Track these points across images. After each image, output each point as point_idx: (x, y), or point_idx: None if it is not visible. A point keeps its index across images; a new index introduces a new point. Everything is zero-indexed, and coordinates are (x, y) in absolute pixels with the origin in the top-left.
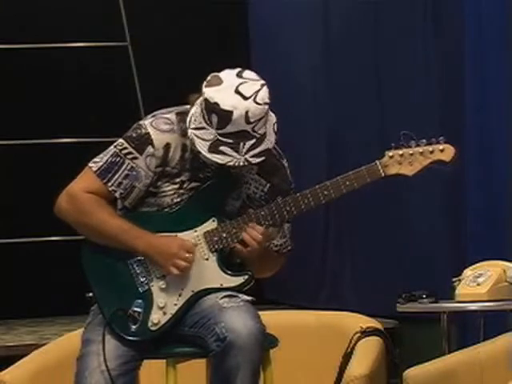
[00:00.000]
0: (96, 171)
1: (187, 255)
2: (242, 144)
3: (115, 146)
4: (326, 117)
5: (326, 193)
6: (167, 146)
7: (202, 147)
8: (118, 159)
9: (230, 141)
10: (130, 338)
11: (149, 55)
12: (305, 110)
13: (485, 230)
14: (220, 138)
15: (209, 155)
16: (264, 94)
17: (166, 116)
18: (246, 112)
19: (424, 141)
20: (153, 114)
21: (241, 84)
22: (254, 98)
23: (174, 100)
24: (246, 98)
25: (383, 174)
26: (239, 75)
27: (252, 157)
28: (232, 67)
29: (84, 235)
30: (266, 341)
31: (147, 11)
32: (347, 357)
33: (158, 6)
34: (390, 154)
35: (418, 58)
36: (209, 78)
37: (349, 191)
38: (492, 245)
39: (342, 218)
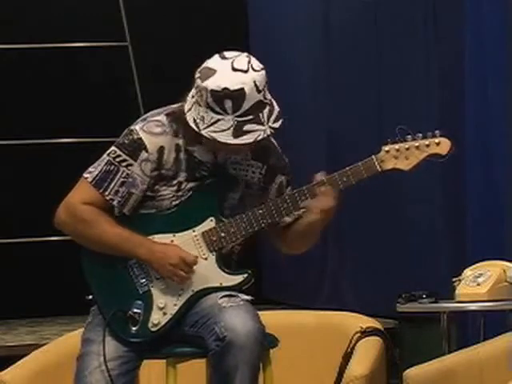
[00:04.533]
0: (91, 181)
1: (187, 268)
2: (260, 115)
3: (108, 155)
4: (326, 117)
5: (322, 189)
6: (161, 149)
7: (226, 138)
8: (112, 167)
9: (250, 117)
10: (131, 339)
11: (149, 55)
12: (305, 110)
13: (485, 230)
14: (239, 119)
15: (236, 141)
16: (256, 62)
17: (156, 118)
18: (254, 82)
19: (420, 135)
20: (142, 118)
21: (233, 62)
22: (252, 68)
23: (174, 100)
24: (246, 71)
25: (380, 169)
26: (223, 57)
27: (274, 122)
28: None
29: (85, 246)
30: (266, 340)
31: (147, 11)
32: (347, 357)
33: (158, 6)
34: (386, 148)
35: (419, 58)
36: (198, 73)
37: (346, 187)
38: (492, 245)
39: (341, 217)
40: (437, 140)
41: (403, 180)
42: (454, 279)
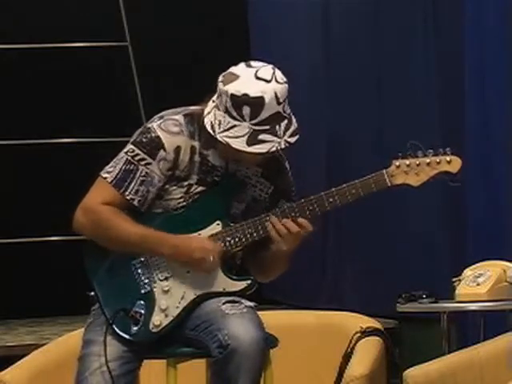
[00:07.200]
0: (111, 181)
1: (213, 259)
2: (277, 127)
3: (126, 153)
4: (326, 117)
5: (331, 200)
6: (178, 149)
7: (239, 144)
8: (131, 166)
9: (267, 127)
10: (131, 338)
11: (149, 55)
12: (305, 110)
13: (485, 230)
14: (255, 127)
15: (249, 149)
16: (280, 74)
17: (174, 118)
18: (275, 93)
19: (431, 151)
20: (160, 116)
21: (257, 71)
22: (276, 79)
23: (173, 100)
24: (268, 81)
25: (389, 184)
26: (249, 65)
27: (290, 137)
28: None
29: (105, 246)
30: (268, 349)
31: (147, 11)
32: (347, 357)
33: (158, 6)
34: (397, 163)
35: (418, 57)
36: (222, 77)
37: (354, 199)
38: (492, 245)
39: (341, 217)
40: (448, 158)
41: None
42: (454, 279)
